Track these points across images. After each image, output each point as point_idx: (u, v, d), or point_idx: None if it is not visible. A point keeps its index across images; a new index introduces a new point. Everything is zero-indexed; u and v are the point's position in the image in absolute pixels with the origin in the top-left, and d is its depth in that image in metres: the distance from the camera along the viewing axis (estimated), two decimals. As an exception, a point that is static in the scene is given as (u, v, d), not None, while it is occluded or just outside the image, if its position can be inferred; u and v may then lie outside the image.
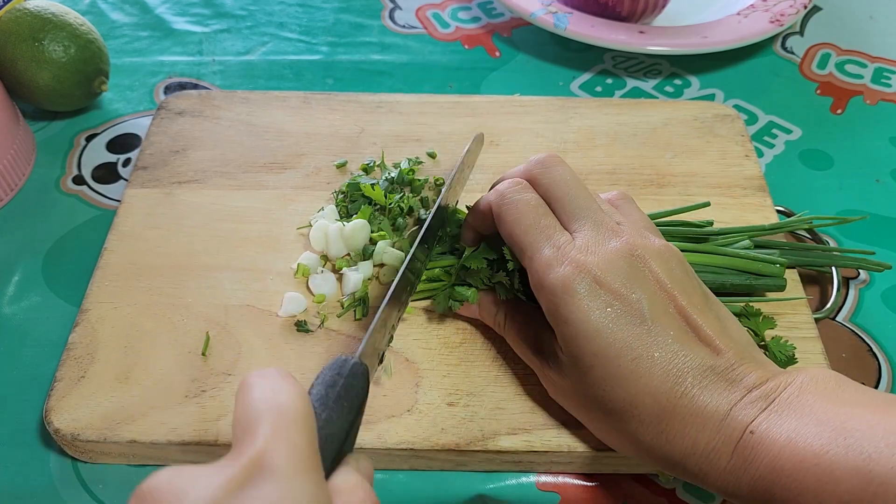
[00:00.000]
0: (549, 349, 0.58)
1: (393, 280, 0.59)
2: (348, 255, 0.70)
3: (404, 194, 0.74)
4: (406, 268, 0.60)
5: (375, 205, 0.73)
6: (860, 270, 0.75)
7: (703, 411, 0.50)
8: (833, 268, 0.72)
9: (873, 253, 0.70)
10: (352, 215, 0.72)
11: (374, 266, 0.69)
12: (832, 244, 0.77)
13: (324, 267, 0.70)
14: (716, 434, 0.49)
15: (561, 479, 0.61)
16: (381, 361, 0.55)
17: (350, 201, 0.74)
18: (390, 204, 0.72)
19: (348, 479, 0.42)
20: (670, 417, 0.51)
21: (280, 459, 0.36)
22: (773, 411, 0.49)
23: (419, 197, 0.75)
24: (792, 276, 0.70)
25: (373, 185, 0.73)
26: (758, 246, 0.69)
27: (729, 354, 0.52)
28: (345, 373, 0.46)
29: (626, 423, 0.53)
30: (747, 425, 0.48)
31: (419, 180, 0.76)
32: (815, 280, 0.73)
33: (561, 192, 0.60)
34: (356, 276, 0.67)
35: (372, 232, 0.70)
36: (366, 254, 0.69)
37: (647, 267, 0.55)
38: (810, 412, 0.48)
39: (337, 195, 0.75)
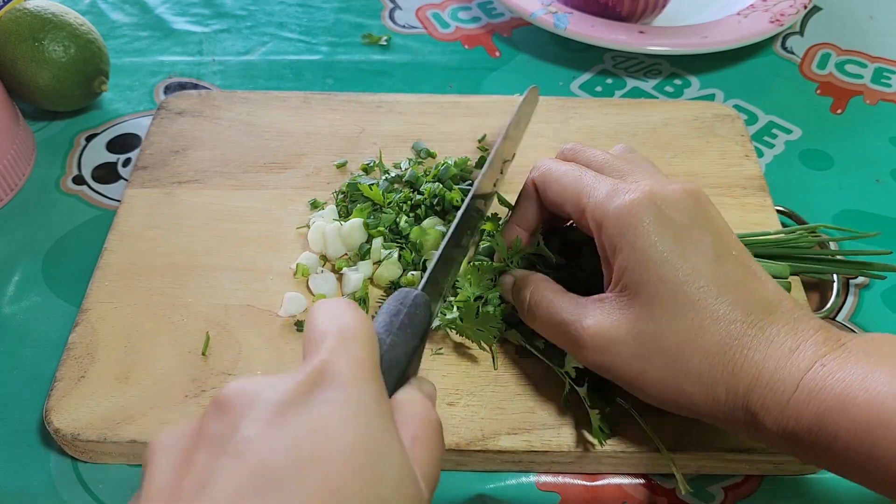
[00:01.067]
0: (593, 303, 0.56)
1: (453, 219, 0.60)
2: (346, 254, 0.70)
3: (404, 193, 0.74)
4: (466, 208, 0.61)
5: (375, 205, 0.73)
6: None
7: (772, 341, 0.50)
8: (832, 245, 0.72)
9: (883, 253, 0.71)
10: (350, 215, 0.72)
11: (374, 264, 0.69)
12: (832, 245, 0.77)
13: (323, 267, 0.70)
14: (784, 363, 0.49)
15: (561, 478, 0.61)
16: (443, 300, 0.58)
17: (350, 201, 0.74)
18: (389, 203, 0.72)
19: (409, 394, 0.44)
20: (738, 345, 0.50)
21: (343, 367, 0.39)
22: (844, 349, 0.48)
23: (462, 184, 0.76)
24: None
25: (371, 185, 0.73)
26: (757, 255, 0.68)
27: (787, 300, 0.52)
28: (408, 302, 0.48)
29: (690, 357, 0.51)
30: (818, 359, 0.48)
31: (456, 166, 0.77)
32: (816, 280, 0.73)
33: (603, 162, 0.61)
34: (356, 276, 0.67)
35: (371, 229, 0.70)
36: (362, 253, 0.69)
37: (708, 210, 0.55)
38: (884, 356, 0.47)
39: (337, 195, 0.75)
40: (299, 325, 0.65)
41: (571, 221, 0.61)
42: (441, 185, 0.73)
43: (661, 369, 0.53)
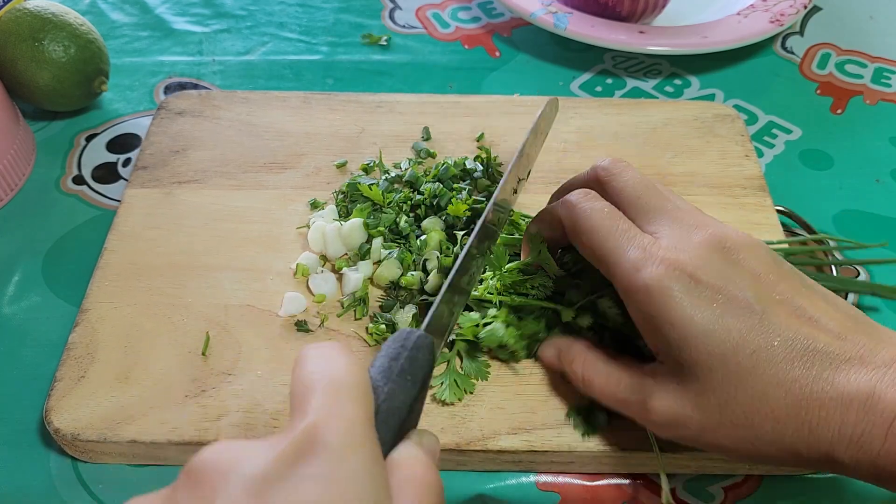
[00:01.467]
0: (649, 377, 0.54)
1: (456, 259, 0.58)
2: (346, 254, 0.70)
3: (404, 193, 0.74)
4: (468, 251, 0.58)
5: (375, 205, 0.72)
6: (860, 271, 0.75)
7: (844, 393, 0.47)
8: (833, 267, 0.72)
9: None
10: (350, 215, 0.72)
11: (374, 264, 0.69)
12: (832, 245, 0.77)
13: (323, 267, 0.70)
14: (864, 415, 0.46)
15: (561, 478, 0.61)
16: (445, 345, 0.55)
17: (350, 201, 0.74)
18: (389, 203, 0.72)
19: (408, 453, 0.40)
20: (808, 406, 0.47)
21: (332, 435, 0.35)
22: None
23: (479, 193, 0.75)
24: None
25: (371, 185, 0.73)
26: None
27: (851, 335, 0.49)
28: (409, 345, 0.44)
29: (760, 425, 0.49)
30: None
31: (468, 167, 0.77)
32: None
33: (633, 196, 0.58)
34: (356, 276, 0.67)
35: (371, 229, 0.70)
36: (362, 253, 0.69)
37: (739, 257, 0.53)
38: None
39: (337, 195, 0.75)
40: (299, 325, 0.65)
41: None
42: (441, 185, 0.72)
43: (734, 438, 0.51)
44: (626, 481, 0.61)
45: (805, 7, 0.98)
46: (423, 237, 0.69)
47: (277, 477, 0.34)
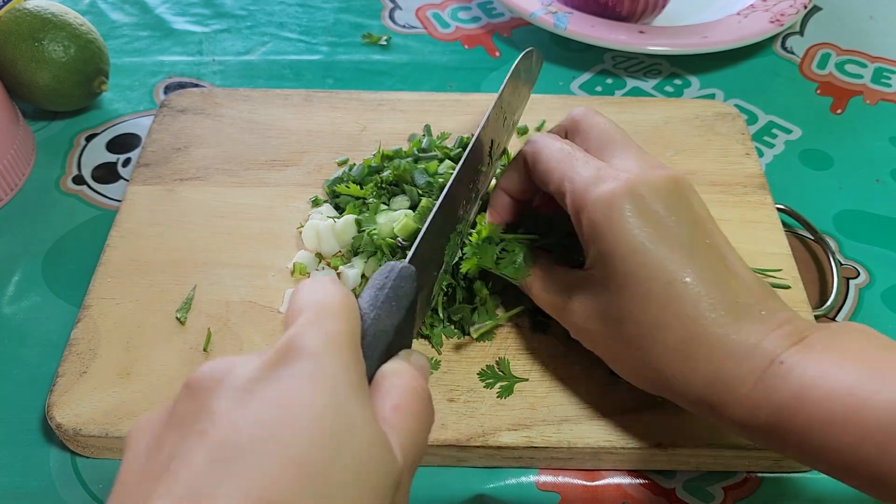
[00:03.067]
0: (574, 283, 0.58)
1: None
2: (340, 252, 0.70)
3: (375, 177, 0.74)
4: (453, 181, 0.60)
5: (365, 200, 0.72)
6: (860, 271, 0.75)
7: (732, 340, 0.50)
8: (833, 266, 0.72)
9: None
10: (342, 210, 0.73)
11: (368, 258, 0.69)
12: (833, 244, 0.77)
13: (322, 265, 0.70)
14: (742, 362, 0.49)
15: (561, 478, 0.61)
16: (436, 291, 0.60)
17: (334, 197, 0.74)
18: (370, 193, 0.72)
19: (395, 365, 0.44)
20: (697, 344, 0.51)
21: (310, 341, 0.39)
22: (805, 345, 0.49)
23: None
24: (793, 274, 0.70)
25: (347, 183, 0.73)
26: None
27: (759, 291, 0.52)
28: (393, 275, 0.48)
29: (649, 349, 0.53)
30: (777, 355, 0.49)
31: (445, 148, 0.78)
32: (816, 279, 0.74)
33: (599, 134, 0.61)
34: (354, 272, 0.67)
35: (363, 225, 0.70)
36: (354, 248, 0.69)
37: (689, 198, 0.56)
38: (844, 351, 0.48)
39: (328, 192, 0.75)
40: (301, 322, 0.65)
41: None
42: (406, 162, 0.73)
43: (627, 356, 0.56)
44: (626, 481, 0.61)
45: (805, 7, 0.98)
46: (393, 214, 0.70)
47: (263, 378, 0.37)
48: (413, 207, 0.71)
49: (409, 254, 0.52)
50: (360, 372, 0.40)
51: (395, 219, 0.67)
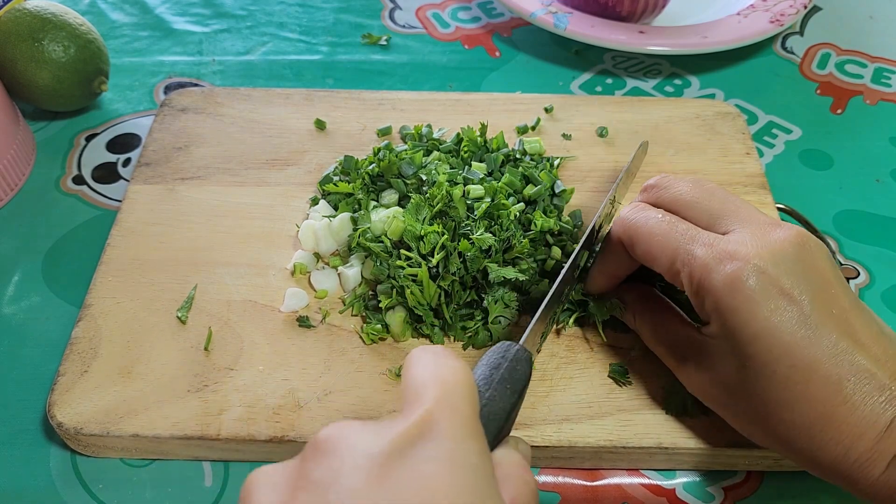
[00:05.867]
0: (692, 343, 0.57)
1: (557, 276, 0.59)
2: (338, 251, 0.70)
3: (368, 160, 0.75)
4: (571, 264, 0.60)
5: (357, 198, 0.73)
6: (860, 271, 0.75)
7: (862, 422, 0.48)
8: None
9: None
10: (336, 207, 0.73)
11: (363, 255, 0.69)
12: (833, 244, 0.77)
13: (321, 264, 0.70)
14: (873, 445, 0.48)
15: (561, 478, 0.61)
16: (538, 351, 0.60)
17: (325, 195, 0.75)
18: (360, 189, 0.72)
19: (508, 455, 0.44)
20: (825, 424, 0.49)
21: (446, 422, 0.38)
22: None
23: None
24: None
25: (336, 181, 0.74)
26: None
27: (890, 363, 0.50)
28: (509, 356, 0.47)
29: (775, 426, 0.51)
30: None
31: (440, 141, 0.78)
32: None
33: (691, 201, 0.58)
34: (353, 272, 0.67)
35: (356, 223, 0.70)
36: (350, 245, 0.69)
37: (814, 261, 0.53)
38: None
39: (320, 188, 0.76)
40: (301, 321, 0.65)
41: None
42: (392, 155, 0.73)
43: (752, 426, 0.54)
44: (626, 481, 0.61)
45: (805, 7, 0.98)
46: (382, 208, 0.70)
47: (399, 454, 0.37)
48: (402, 200, 0.71)
49: (524, 336, 0.52)
50: (490, 459, 0.40)
51: (388, 216, 0.67)
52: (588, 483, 0.60)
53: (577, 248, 0.62)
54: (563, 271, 0.59)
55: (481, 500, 0.36)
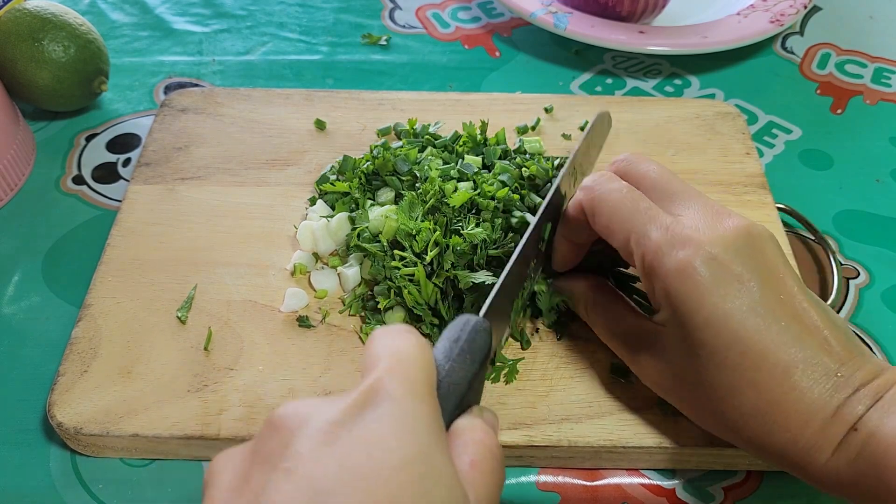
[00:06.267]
0: (644, 334, 0.57)
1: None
2: (336, 251, 0.70)
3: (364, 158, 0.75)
4: (530, 236, 0.60)
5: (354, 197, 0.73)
6: (860, 271, 0.75)
7: (809, 408, 0.49)
8: (833, 266, 0.72)
9: None
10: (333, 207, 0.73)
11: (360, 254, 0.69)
12: (833, 244, 0.77)
13: (321, 264, 0.70)
14: (820, 431, 0.48)
15: (561, 478, 0.61)
16: (513, 336, 0.61)
17: (322, 194, 0.75)
18: (356, 188, 0.72)
19: (469, 421, 0.44)
20: (774, 411, 0.50)
21: (394, 386, 0.39)
22: (880, 409, 0.48)
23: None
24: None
25: (332, 181, 0.74)
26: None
27: (837, 348, 0.50)
28: (468, 328, 0.48)
29: (725, 412, 0.52)
30: (853, 423, 0.48)
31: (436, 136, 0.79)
32: (816, 279, 0.74)
33: (655, 180, 0.59)
34: (353, 271, 0.67)
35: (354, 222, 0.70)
36: (349, 245, 0.69)
37: (763, 249, 0.53)
38: None
39: (317, 188, 0.76)
40: (301, 321, 0.65)
41: None
42: (387, 152, 0.73)
43: (702, 414, 0.55)
44: (626, 481, 0.61)
45: (805, 7, 0.98)
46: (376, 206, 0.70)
47: (348, 419, 0.38)
48: (398, 197, 0.71)
49: (483, 308, 0.52)
50: (440, 422, 0.41)
51: (382, 214, 0.68)
52: (588, 483, 0.60)
53: (537, 216, 0.61)
54: (525, 237, 0.59)
55: (426, 453, 0.38)
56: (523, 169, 0.71)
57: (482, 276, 0.62)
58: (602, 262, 0.66)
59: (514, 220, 0.66)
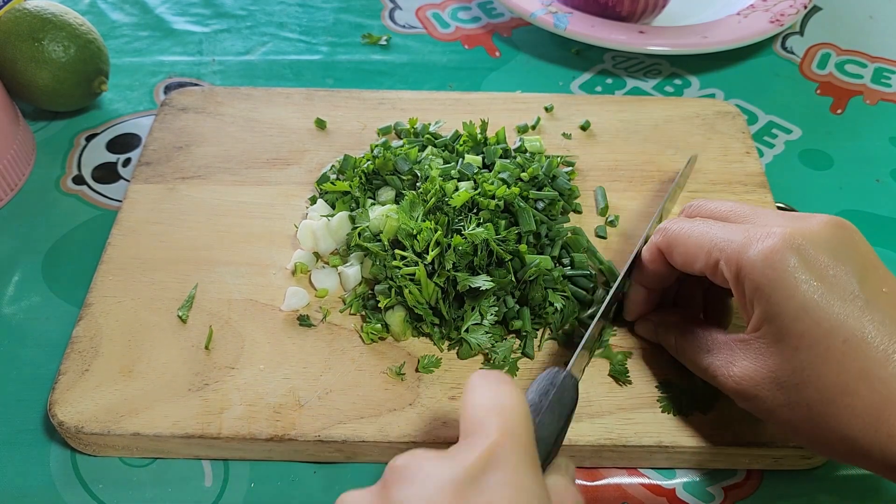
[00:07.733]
0: (737, 346, 0.54)
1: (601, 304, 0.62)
2: (337, 250, 0.70)
3: (364, 158, 0.75)
4: (616, 288, 0.62)
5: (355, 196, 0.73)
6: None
7: None
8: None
9: None
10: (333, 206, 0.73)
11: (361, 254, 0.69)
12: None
13: (321, 263, 0.70)
14: None
15: (562, 478, 0.61)
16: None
17: (322, 194, 0.75)
18: (357, 187, 0.72)
19: (560, 480, 0.46)
20: (891, 409, 0.46)
21: (510, 454, 0.41)
22: None
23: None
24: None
25: (333, 181, 0.74)
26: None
27: None
28: (557, 383, 0.50)
29: (834, 415, 0.48)
30: None
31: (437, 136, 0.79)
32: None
33: (725, 211, 0.58)
34: (353, 271, 0.67)
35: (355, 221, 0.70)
36: (349, 244, 0.69)
37: (854, 240, 0.51)
38: None
39: (317, 187, 0.76)
40: (302, 320, 0.65)
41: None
42: (387, 152, 0.73)
43: (805, 421, 0.50)
44: (626, 481, 0.61)
45: (805, 7, 0.98)
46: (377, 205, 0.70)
47: (472, 481, 0.40)
48: (398, 197, 0.71)
49: (570, 362, 0.54)
50: (545, 486, 0.42)
51: (382, 213, 0.68)
52: (588, 483, 0.60)
53: (622, 272, 0.63)
54: (611, 293, 0.62)
55: None
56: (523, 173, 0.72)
57: (480, 281, 0.62)
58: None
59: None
